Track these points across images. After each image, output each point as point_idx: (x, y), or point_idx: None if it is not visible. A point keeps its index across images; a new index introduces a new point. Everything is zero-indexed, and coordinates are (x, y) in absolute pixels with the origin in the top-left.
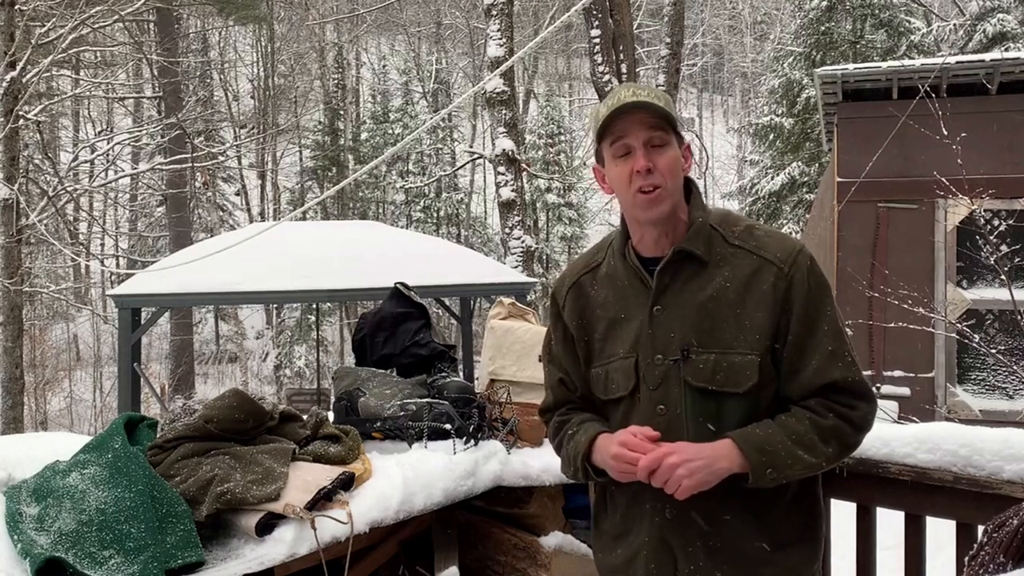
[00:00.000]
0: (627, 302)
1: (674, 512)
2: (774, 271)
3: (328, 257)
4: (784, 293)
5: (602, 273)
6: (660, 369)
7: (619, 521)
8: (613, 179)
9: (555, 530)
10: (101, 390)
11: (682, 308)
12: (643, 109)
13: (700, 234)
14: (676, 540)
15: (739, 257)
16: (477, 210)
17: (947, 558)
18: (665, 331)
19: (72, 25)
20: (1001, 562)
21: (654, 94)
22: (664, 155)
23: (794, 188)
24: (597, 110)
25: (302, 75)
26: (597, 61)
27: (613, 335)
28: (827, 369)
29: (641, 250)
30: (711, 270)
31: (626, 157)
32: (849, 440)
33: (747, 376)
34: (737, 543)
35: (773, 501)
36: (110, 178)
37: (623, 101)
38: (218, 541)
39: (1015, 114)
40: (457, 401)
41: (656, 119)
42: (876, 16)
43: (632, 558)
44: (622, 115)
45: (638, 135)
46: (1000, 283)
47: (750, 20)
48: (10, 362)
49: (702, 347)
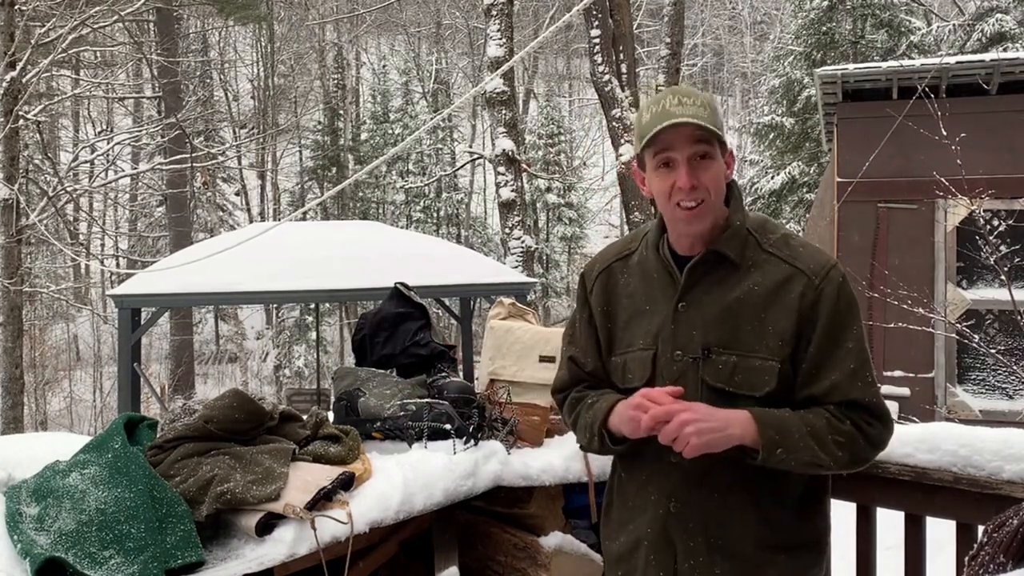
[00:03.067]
0: (654, 295)
1: (678, 506)
2: (804, 281)
3: (328, 257)
4: (812, 304)
5: (633, 262)
6: (678, 366)
7: (626, 510)
8: (654, 188)
9: (555, 530)
10: (101, 390)
11: (707, 307)
12: (690, 125)
13: (736, 237)
14: (678, 533)
15: (771, 264)
16: (477, 210)
17: (947, 558)
18: (687, 328)
19: (72, 25)
20: (1001, 562)
21: (700, 102)
22: (709, 170)
23: (794, 188)
24: (640, 115)
25: (302, 75)
26: (597, 61)
27: (635, 325)
28: (847, 387)
29: (676, 247)
30: (741, 274)
31: (668, 169)
32: (860, 453)
33: (765, 381)
34: (739, 542)
35: (780, 502)
36: (110, 178)
37: (669, 115)
38: (218, 541)
39: (1015, 114)
40: (457, 401)
41: (702, 132)
42: (876, 16)
43: (634, 548)
44: (668, 129)
45: (683, 149)
46: (1000, 283)
47: (750, 20)
48: (10, 362)
49: (723, 348)
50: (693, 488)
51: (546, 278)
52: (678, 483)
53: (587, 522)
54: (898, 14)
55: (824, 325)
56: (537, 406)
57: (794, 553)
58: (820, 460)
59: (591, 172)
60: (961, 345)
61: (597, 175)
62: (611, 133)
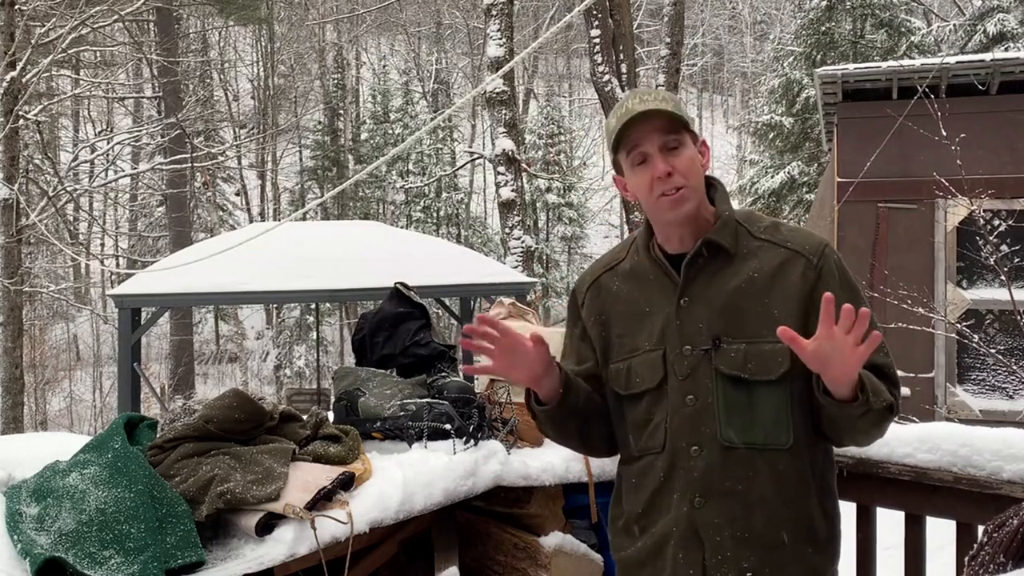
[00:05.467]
0: (652, 296)
1: (702, 501)
2: (803, 262)
3: (328, 257)
4: (814, 283)
5: (625, 269)
6: (689, 360)
7: (640, 516)
8: (635, 187)
9: (555, 530)
10: (101, 390)
11: (709, 299)
12: (653, 116)
13: (727, 227)
14: (704, 529)
15: (766, 250)
16: (477, 210)
17: (947, 558)
18: (693, 322)
19: (72, 25)
20: (1001, 562)
21: (660, 97)
22: (681, 156)
23: (794, 188)
24: (608, 122)
25: (302, 75)
26: (597, 61)
27: (636, 329)
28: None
29: (666, 247)
30: (738, 262)
31: (644, 165)
32: (885, 420)
33: (779, 363)
34: (765, 534)
35: (803, 492)
36: (110, 178)
37: (632, 111)
38: (218, 541)
39: (1015, 114)
40: (457, 401)
41: (668, 123)
42: (876, 16)
43: (658, 548)
44: (634, 125)
45: (652, 141)
46: (1000, 283)
47: (750, 20)
48: (10, 362)
49: (732, 337)
50: (715, 482)
51: (546, 278)
52: (700, 479)
53: (587, 522)
54: (898, 14)
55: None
56: None
57: (818, 545)
58: (886, 404)
59: (591, 172)
60: (961, 345)
61: (597, 175)
62: None
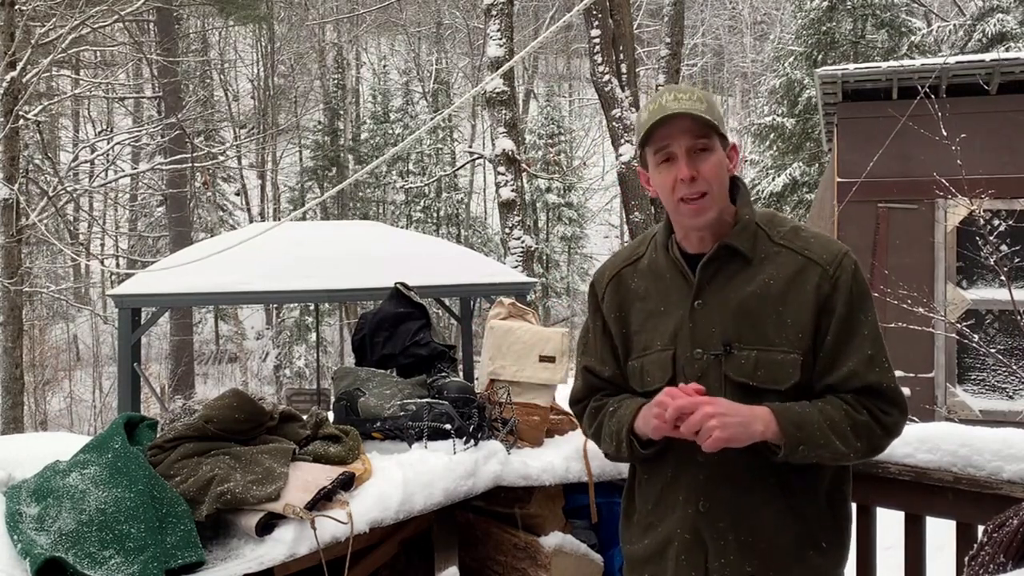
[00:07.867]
0: (667, 295)
1: (707, 505)
2: (819, 272)
3: (328, 257)
4: (828, 294)
5: (643, 265)
6: (699, 363)
7: (649, 512)
8: (658, 185)
9: (555, 530)
10: (101, 390)
11: (724, 304)
12: (685, 116)
13: (746, 231)
14: (708, 533)
15: (783, 256)
16: (477, 210)
17: (947, 558)
18: (706, 325)
19: (72, 25)
20: (1001, 562)
21: (696, 96)
22: (708, 160)
23: (795, 188)
24: (640, 114)
25: (302, 75)
26: (597, 61)
27: (651, 328)
28: (864, 372)
29: (685, 246)
30: (755, 268)
31: (669, 164)
32: (877, 442)
33: (789, 374)
34: (769, 539)
35: (809, 496)
36: (110, 178)
37: (664, 110)
38: (218, 541)
39: (1015, 114)
40: (457, 401)
41: (699, 125)
42: (877, 16)
43: (662, 549)
44: (665, 123)
45: (681, 142)
46: (1000, 283)
47: (750, 20)
48: (10, 362)
49: (743, 343)
50: (721, 486)
51: (546, 278)
52: (706, 482)
53: (587, 522)
54: (899, 14)
55: (841, 314)
56: (537, 406)
57: (822, 550)
58: (839, 452)
59: (591, 172)
60: (961, 345)
61: (597, 175)
62: (611, 133)
